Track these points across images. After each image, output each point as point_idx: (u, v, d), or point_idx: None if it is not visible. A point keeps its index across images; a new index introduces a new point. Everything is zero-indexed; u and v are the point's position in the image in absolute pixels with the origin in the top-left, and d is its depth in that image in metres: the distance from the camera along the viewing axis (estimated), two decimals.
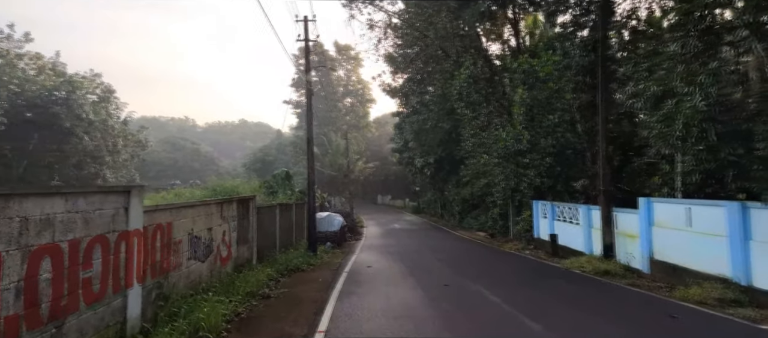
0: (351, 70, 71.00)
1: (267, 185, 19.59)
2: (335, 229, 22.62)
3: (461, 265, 14.36)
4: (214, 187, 17.62)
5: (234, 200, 10.10)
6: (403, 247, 19.98)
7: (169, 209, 6.88)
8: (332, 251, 18.94)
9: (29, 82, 31.29)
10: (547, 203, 18.06)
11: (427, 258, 16.21)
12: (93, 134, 34.31)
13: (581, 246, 15.18)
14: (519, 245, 19.65)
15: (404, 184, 58.44)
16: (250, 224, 11.60)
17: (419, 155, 36.39)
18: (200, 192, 17.15)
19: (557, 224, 17.24)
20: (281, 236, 15.50)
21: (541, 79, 15.81)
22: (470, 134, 19.75)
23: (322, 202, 27.44)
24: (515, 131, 16.10)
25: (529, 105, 15.93)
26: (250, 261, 11.46)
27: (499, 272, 12.92)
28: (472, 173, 23.61)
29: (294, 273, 12.65)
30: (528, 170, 16.37)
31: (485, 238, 24.61)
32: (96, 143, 34.23)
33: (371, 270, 13.07)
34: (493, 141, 17.91)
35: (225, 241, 9.48)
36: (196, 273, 7.90)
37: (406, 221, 38.73)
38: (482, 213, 29.08)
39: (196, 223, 7.91)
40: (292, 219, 17.33)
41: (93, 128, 33.62)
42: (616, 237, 13.18)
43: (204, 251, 8.27)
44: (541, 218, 19.01)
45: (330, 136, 59.85)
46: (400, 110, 40.89)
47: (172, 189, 27.97)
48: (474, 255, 17.30)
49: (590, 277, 11.70)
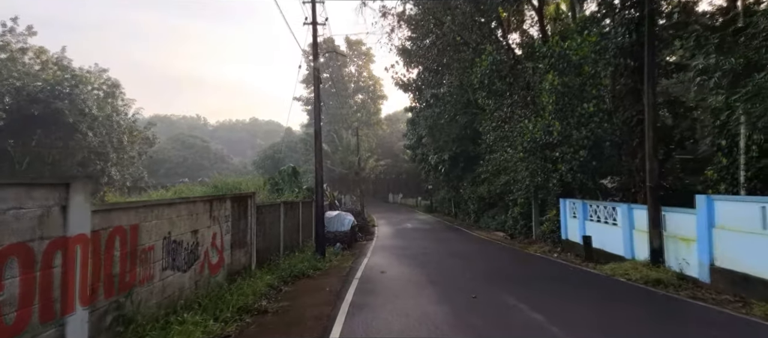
0: (362, 66, 69.61)
1: (272, 182, 18.22)
2: (345, 229, 21.20)
3: (486, 271, 12.81)
4: (216, 183, 16.31)
5: (227, 198, 8.69)
6: (419, 249, 18.47)
7: (133, 209, 5.46)
8: (342, 254, 17.52)
9: (30, 77, 30.30)
10: (577, 202, 16.42)
11: (447, 261, 14.69)
12: (97, 130, 33.28)
13: (620, 250, 13.53)
14: (545, 247, 18.04)
15: (416, 182, 56.90)
16: (248, 224, 10.20)
17: (433, 152, 34.78)
18: (201, 189, 15.84)
19: (590, 224, 15.59)
20: (286, 238, 14.10)
21: (574, 64, 14.17)
22: (492, 126, 18.14)
23: (332, 200, 26.03)
24: (545, 122, 14.48)
25: (560, 93, 14.29)
26: (248, 267, 10.06)
27: (531, 279, 11.34)
28: (492, 169, 21.95)
29: (299, 280, 11.22)
30: (559, 165, 14.73)
31: (504, 239, 23.03)
32: (100, 139, 33.19)
33: (385, 277, 11.59)
34: (518, 134, 16.29)
35: (215, 245, 8.08)
36: (174, 286, 6.49)
37: (419, 220, 37.25)
38: (500, 212, 27.47)
39: (175, 225, 6.51)
40: (298, 219, 15.94)
41: (97, 123, 32.58)
42: (665, 241, 11.52)
43: (187, 258, 6.87)
44: (569, 218, 17.36)
45: (340, 133, 58.55)
46: (413, 104, 39.28)
47: (172, 187, 26.83)
48: (497, 258, 15.73)
49: (640, 287, 10.07)
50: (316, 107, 14.99)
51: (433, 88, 27.63)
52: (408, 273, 12.25)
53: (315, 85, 15.05)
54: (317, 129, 15.17)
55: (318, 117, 14.90)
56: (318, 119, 14.94)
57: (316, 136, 15.19)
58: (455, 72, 21.18)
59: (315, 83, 14.88)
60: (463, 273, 12.17)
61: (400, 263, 14.38)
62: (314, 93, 15.04)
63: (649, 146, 11.63)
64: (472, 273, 12.37)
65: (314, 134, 15.18)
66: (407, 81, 37.40)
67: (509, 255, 16.40)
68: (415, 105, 39.00)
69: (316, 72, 14.94)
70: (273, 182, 18.15)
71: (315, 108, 14.92)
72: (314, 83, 14.86)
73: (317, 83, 14.79)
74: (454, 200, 38.46)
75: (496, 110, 17.45)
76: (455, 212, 38.48)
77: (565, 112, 14.61)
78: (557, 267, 13.62)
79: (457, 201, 37.94)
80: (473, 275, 11.99)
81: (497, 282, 10.87)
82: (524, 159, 17.00)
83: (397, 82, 37.53)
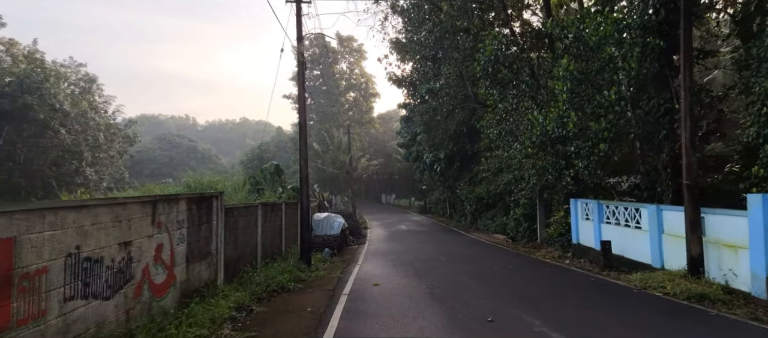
0: (354, 63, 67.78)
1: (253, 182, 16.40)
2: (335, 233, 19.42)
3: (495, 281, 11.10)
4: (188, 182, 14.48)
5: (181, 199, 6.90)
6: (415, 254, 16.75)
7: (5, 215, 3.67)
8: (330, 260, 15.75)
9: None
10: (591, 202, 14.79)
11: (448, 269, 12.97)
12: (71, 127, 31.21)
13: (646, 257, 11.89)
14: (553, 252, 16.40)
15: (410, 182, 55.27)
16: (213, 231, 8.40)
17: (428, 150, 33.11)
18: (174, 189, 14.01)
19: (607, 228, 13.97)
20: (265, 244, 12.30)
21: (592, 47, 12.52)
22: (495, 119, 16.44)
23: (321, 201, 24.21)
24: (558, 113, 12.82)
25: (576, 80, 12.63)
26: (211, 282, 8.26)
27: (551, 293, 9.65)
28: (493, 167, 20.27)
29: (276, 297, 9.42)
30: (575, 161, 13.07)
31: (506, 242, 21.42)
32: (74, 137, 31.11)
33: (379, 291, 9.84)
34: (526, 127, 14.63)
35: (161, 259, 6.29)
36: (88, 321, 4.70)
37: (413, 221, 35.59)
38: (499, 214, 25.87)
39: (89, 236, 4.72)
40: (280, 222, 14.14)
41: (70, 120, 30.49)
42: (705, 247, 9.89)
43: (111, 280, 5.08)
44: (581, 220, 15.74)
45: (332, 132, 56.74)
46: (407, 101, 37.63)
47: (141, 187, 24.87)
48: (504, 265, 14.04)
49: (684, 305, 8.41)
50: (301, 96, 13.21)
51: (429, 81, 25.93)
52: (405, 285, 10.50)
53: (299, 71, 13.28)
54: (302, 122, 13.40)
55: (303, 107, 13.13)
56: (303, 109, 13.16)
57: (300, 129, 13.42)
58: (454, 62, 19.47)
59: (299, 68, 13.11)
60: (469, 285, 10.45)
61: (395, 272, 12.64)
62: (298, 80, 13.26)
63: (685, 136, 9.99)
64: (479, 284, 10.66)
65: (299, 126, 13.40)
66: (401, 76, 35.78)
67: (516, 262, 14.72)
68: (409, 101, 37.38)
69: (301, 56, 13.18)
70: (254, 181, 16.35)
71: (299, 96, 13.15)
72: (298, 68, 13.09)
73: (302, 68, 13.02)
74: (450, 200, 36.82)
75: (501, 101, 15.75)
76: (450, 214, 36.87)
77: (581, 101, 12.97)
78: (574, 276, 11.95)
79: (452, 202, 36.30)
80: (481, 287, 10.28)
81: (511, 296, 9.17)
82: (532, 155, 15.34)
83: (391, 77, 35.94)
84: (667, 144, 12.42)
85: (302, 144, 13.34)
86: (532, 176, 16.13)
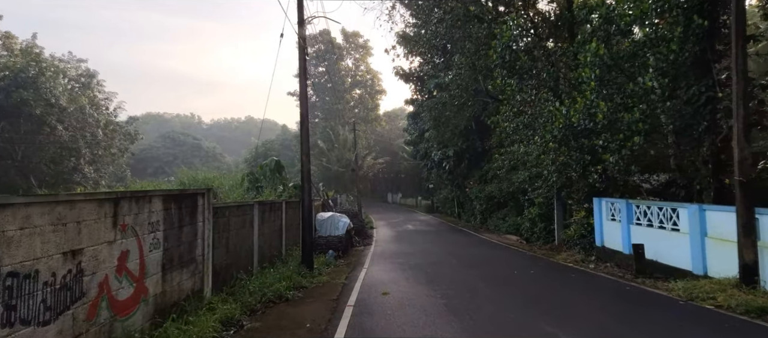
0: (359, 60, 66.59)
1: (252, 179, 15.30)
2: (340, 233, 18.30)
3: (518, 290, 9.92)
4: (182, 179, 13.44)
5: (154, 197, 5.79)
6: (425, 256, 15.61)
7: None
8: (335, 264, 14.65)
9: None
10: (618, 202, 13.57)
11: (463, 275, 11.82)
12: (68, 123, 30.27)
13: (685, 263, 10.67)
14: (575, 255, 15.16)
15: (416, 181, 54.05)
16: (198, 233, 7.30)
17: (437, 147, 31.90)
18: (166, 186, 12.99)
19: (637, 229, 12.74)
20: (263, 247, 11.20)
21: (623, 29, 11.32)
22: (513, 112, 15.23)
23: (325, 200, 23.10)
24: (585, 103, 11.61)
25: (606, 66, 11.41)
26: (197, 293, 7.15)
27: (587, 306, 8.44)
28: (508, 164, 19.04)
29: (272, 308, 8.32)
30: (605, 155, 11.84)
31: (519, 243, 20.22)
32: (71, 133, 30.18)
33: (389, 302, 8.70)
34: (547, 119, 13.43)
35: (126, 270, 5.18)
36: None
37: (421, 221, 34.44)
38: (511, 213, 24.66)
39: (16, 245, 3.62)
40: (280, 222, 13.04)
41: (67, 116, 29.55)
42: (760, 253, 8.68)
43: (51, 300, 3.98)
44: (606, 220, 14.51)
45: (337, 129, 55.61)
46: (415, 96, 36.46)
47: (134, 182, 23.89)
48: (523, 270, 12.85)
49: (745, 321, 7.21)
50: (302, 84, 12.09)
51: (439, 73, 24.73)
52: (417, 294, 9.36)
53: (300, 57, 12.15)
54: (303, 112, 12.28)
55: (304, 95, 12.00)
56: (304, 97, 12.03)
57: (302, 120, 12.30)
58: (466, 52, 18.27)
59: (300, 54, 11.97)
60: (489, 294, 9.29)
61: (405, 277, 11.51)
62: (299, 67, 12.13)
63: (738, 126, 8.77)
64: (500, 293, 9.51)
65: (300, 117, 12.28)
66: (409, 71, 34.65)
67: (536, 266, 13.53)
68: (416, 97, 36.22)
69: (302, 41, 12.05)
70: (253, 178, 15.25)
71: (300, 85, 12.02)
72: (300, 54, 11.96)
73: (303, 54, 11.88)
74: (458, 199, 35.62)
75: (520, 92, 14.55)
76: (459, 213, 35.67)
77: (611, 90, 11.75)
78: (605, 284, 10.75)
79: (461, 201, 35.11)
80: (502, 297, 9.13)
81: (540, 309, 8.01)
82: (552, 150, 14.13)
83: (398, 72, 34.81)
84: (708, 137, 11.19)
85: (303, 137, 12.22)
86: (552, 173, 14.92)
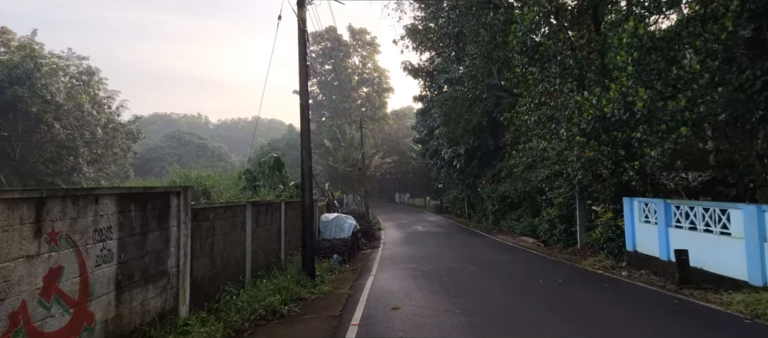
0: (367, 57, 65.31)
1: (249, 178, 14.07)
2: (345, 235, 17.08)
3: (551, 304, 8.55)
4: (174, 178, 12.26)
5: (103, 197, 4.54)
6: (438, 261, 14.31)
7: None
8: (340, 269, 13.41)
9: None
10: (654, 202, 12.16)
11: (484, 284, 10.50)
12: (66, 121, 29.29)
13: (739, 272, 9.25)
14: (603, 260, 13.76)
15: (425, 181, 52.74)
16: (170, 240, 6.07)
17: (447, 145, 30.53)
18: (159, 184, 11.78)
19: (677, 233, 11.31)
20: (257, 254, 9.96)
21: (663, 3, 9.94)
22: (534, 104, 13.87)
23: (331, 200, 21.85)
24: (621, 91, 10.24)
25: (646, 48, 10.03)
26: (169, 313, 5.91)
27: (638, 329, 7.09)
28: (526, 161, 17.68)
29: (262, 328, 7.06)
30: (644, 149, 10.44)
31: (536, 246, 18.86)
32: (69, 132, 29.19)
33: (401, 319, 7.41)
34: (574, 110, 12.06)
35: (58, 292, 3.94)
36: None
37: (430, 222, 33.16)
38: (526, 214, 23.28)
39: None
40: (279, 225, 11.80)
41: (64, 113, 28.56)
42: None
43: None
44: (638, 223, 13.07)
45: (343, 128, 54.39)
46: (424, 93, 35.13)
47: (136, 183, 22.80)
48: (550, 278, 11.47)
49: None
50: (302, 71, 10.83)
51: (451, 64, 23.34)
52: (432, 308, 8.05)
53: (300, 40, 10.89)
54: (303, 103, 11.02)
55: (304, 79, 10.72)
56: (305, 81, 10.76)
57: (302, 111, 11.03)
58: (481, 41, 16.91)
59: (300, 37, 10.72)
60: (520, 311, 7.96)
61: (417, 287, 10.21)
62: (299, 51, 10.86)
63: None
64: (529, 307, 8.18)
65: (300, 107, 11.02)
66: (418, 65, 33.35)
67: (562, 273, 12.16)
68: (425, 93, 34.91)
69: (302, 23, 10.80)
70: (250, 177, 14.02)
71: (300, 70, 10.75)
72: (299, 37, 10.71)
73: (303, 36, 10.63)
74: (469, 199, 34.25)
75: (542, 81, 13.19)
76: (469, 214, 34.32)
77: (650, 75, 10.37)
78: (647, 295, 9.37)
79: (471, 201, 33.74)
80: (532, 312, 7.80)
81: (580, 328, 6.68)
82: (578, 145, 12.75)
83: (407, 67, 33.51)
84: (763, 128, 9.78)
85: (303, 129, 10.97)
86: (578, 171, 13.54)
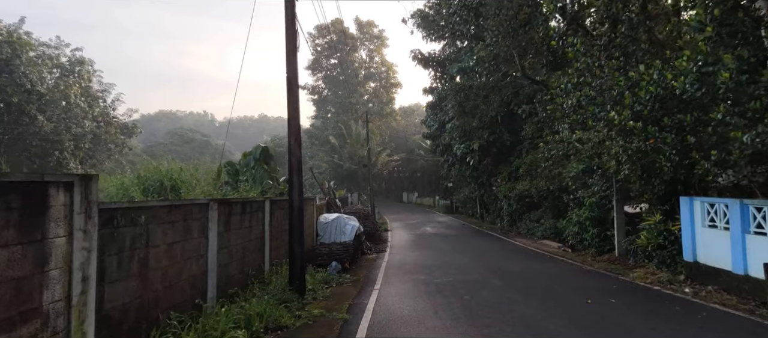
0: (374, 51, 63.08)
1: (230, 171, 11.94)
2: (347, 239, 14.90)
3: None
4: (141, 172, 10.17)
5: None
6: (455, 271, 12.05)
7: None
8: (338, 280, 11.20)
9: None
10: (725, 202, 9.80)
11: (517, 306, 8.22)
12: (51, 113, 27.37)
13: None
14: (655, 272, 11.43)
15: (434, 179, 50.45)
16: (49, 259, 3.90)
17: (459, 140, 28.23)
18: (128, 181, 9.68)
19: (756, 241, 8.98)
20: (228, 267, 7.77)
21: None
22: (573, 83, 11.53)
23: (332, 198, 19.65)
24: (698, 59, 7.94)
25: (731, 4, 7.73)
26: None
27: None
28: (554, 155, 15.33)
29: None
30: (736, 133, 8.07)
31: (563, 251, 16.60)
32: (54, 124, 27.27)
33: None
34: (627, 87, 9.77)
35: None
36: None
37: (440, 222, 30.94)
38: (547, 215, 20.98)
39: None
40: (260, 229, 9.61)
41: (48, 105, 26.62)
42: None
43: None
44: (700, 227, 10.68)
45: (349, 124, 52.25)
46: (434, 84, 32.87)
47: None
48: (600, 297, 9.17)
49: None
50: (290, 34, 8.63)
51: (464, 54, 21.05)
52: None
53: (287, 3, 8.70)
54: (291, 77, 8.82)
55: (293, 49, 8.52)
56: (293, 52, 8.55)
57: (289, 86, 8.82)
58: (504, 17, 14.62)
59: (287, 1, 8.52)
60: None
61: (433, 308, 7.99)
62: (285, 11, 8.67)
63: None
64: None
65: (287, 82, 8.82)
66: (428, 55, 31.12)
67: (610, 290, 9.84)
68: (436, 85, 32.65)
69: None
70: (231, 170, 11.89)
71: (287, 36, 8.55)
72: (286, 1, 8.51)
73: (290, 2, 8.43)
74: (482, 199, 31.95)
75: (585, 56, 10.87)
76: (482, 214, 32.04)
77: (735, 39, 8.04)
78: (738, 324, 7.06)
79: (484, 201, 31.44)
80: None
81: None
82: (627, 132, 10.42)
83: (416, 56, 31.29)
84: None
85: (291, 111, 8.75)
86: (624, 164, 11.19)
